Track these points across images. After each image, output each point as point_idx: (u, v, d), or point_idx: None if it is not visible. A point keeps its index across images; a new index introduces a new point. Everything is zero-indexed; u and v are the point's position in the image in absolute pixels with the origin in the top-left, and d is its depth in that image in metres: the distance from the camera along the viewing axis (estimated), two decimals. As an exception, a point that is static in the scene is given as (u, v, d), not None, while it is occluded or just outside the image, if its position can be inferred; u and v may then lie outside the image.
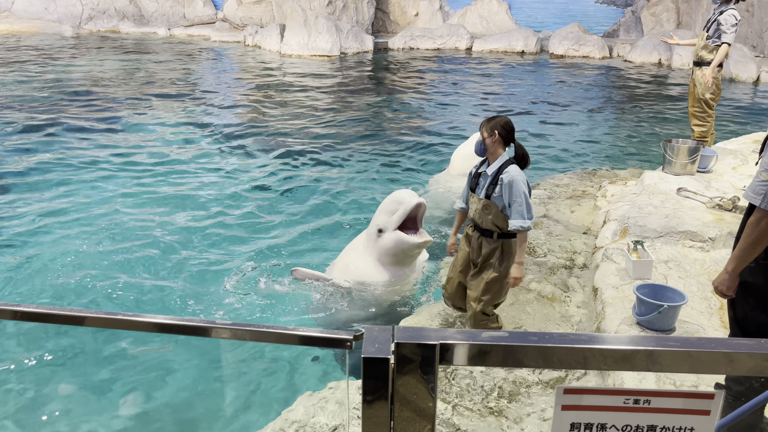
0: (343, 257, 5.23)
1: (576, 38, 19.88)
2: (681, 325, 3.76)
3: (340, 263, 5.19)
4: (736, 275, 2.70)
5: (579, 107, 12.86)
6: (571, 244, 5.67)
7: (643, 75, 16.76)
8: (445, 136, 10.42)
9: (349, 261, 5.08)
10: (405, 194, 4.91)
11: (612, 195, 6.75)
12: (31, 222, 6.58)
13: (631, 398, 1.14)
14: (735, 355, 1.15)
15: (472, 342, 1.16)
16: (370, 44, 19.74)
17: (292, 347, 4.19)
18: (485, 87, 14.74)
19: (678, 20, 20.32)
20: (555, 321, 4.45)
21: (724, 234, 5.06)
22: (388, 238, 4.86)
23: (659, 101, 13.53)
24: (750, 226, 2.56)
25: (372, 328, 1.20)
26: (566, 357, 1.17)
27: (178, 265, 5.72)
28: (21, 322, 3.49)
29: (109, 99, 12.35)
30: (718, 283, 2.77)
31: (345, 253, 5.25)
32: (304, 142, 9.80)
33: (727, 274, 2.71)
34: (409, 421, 1.19)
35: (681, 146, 6.41)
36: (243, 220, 6.83)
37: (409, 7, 23.08)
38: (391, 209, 4.85)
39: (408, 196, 4.86)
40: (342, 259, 5.20)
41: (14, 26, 22.22)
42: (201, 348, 4.38)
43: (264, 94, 13.41)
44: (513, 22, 22.76)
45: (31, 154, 8.77)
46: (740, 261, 2.64)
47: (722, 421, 1.80)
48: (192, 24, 23.71)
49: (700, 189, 6.01)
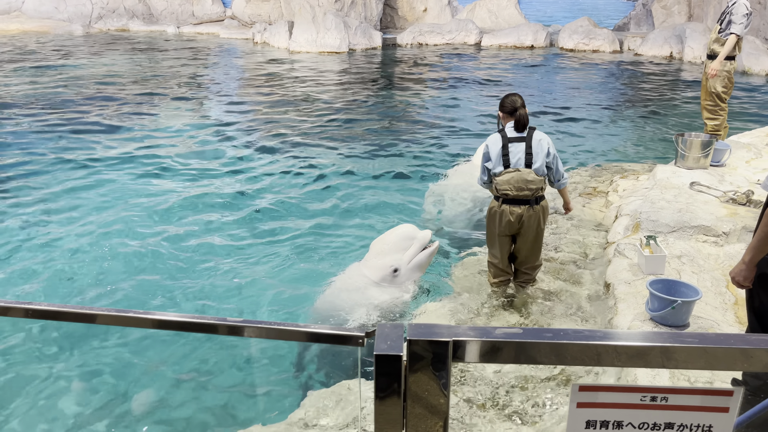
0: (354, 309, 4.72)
1: (586, 32, 19.73)
2: (695, 321, 3.72)
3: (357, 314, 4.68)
4: (753, 266, 2.70)
5: (589, 102, 12.76)
6: (583, 240, 5.63)
7: (654, 68, 16.62)
8: (455, 130, 10.39)
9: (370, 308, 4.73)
10: (412, 230, 4.96)
11: (624, 190, 6.69)
12: (41, 221, 6.62)
13: (648, 395, 1.12)
14: (753, 351, 1.13)
15: (485, 339, 1.14)
16: (378, 40, 19.71)
17: (304, 344, 4.19)
18: (495, 82, 14.67)
19: (689, 13, 20.12)
20: (566, 317, 4.42)
21: (738, 228, 5.01)
22: (408, 271, 4.86)
23: (671, 95, 13.41)
24: (767, 216, 2.55)
25: (384, 325, 1.19)
26: (580, 354, 1.16)
27: (190, 264, 5.74)
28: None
29: (119, 97, 12.41)
30: (735, 274, 2.77)
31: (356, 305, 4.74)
32: (314, 138, 9.80)
33: (744, 265, 2.71)
34: (422, 418, 1.18)
35: (694, 140, 6.34)
36: (254, 216, 6.84)
37: (417, 3, 23.01)
38: (403, 246, 4.85)
39: (418, 231, 4.95)
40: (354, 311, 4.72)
41: (25, 26, 22.38)
42: (221, 346, 4.40)
43: (273, 92, 13.42)
44: (522, 17, 22.64)
45: (41, 153, 8.82)
46: (757, 251, 2.64)
47: (741, 417, 1.78)
48: (201, 22, 23.78)
49: (713, 183, 5.95)
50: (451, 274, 5.24)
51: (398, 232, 4.93)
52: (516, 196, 4.37)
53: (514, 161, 4.36)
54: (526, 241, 4.54)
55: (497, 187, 4.42)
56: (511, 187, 4.36)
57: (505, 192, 4.38)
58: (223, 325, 1.25)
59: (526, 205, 4.40)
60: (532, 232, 4.48)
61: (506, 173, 4.37)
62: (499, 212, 4.45)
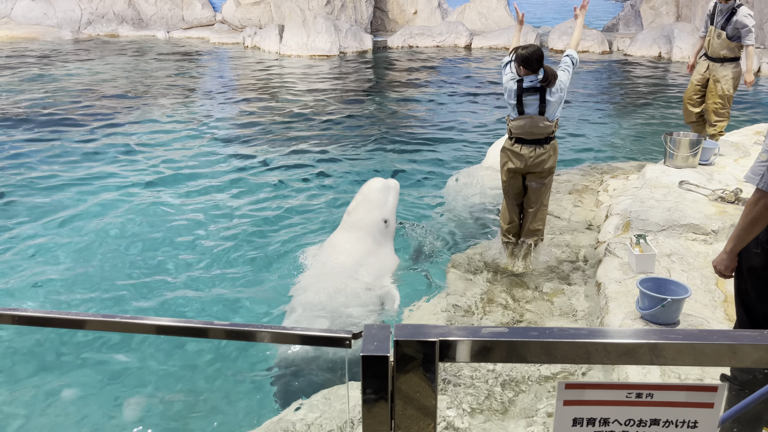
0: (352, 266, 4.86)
1: (575, 33, 19.81)
2: (685, 319, 3.74)
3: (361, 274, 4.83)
4: (735, 255, 2.73)
5: (579, 102, 12.82)
6: (574, 239, 5.65)
7: (643, 69, 16.72)
8: (446, 133, 10.40)
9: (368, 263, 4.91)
10: (382, 181, 5.46)
11: (614, 189, 6.73)
12: (34, 228, 6.58)
13: (633, 392, 1.13)
14: (739, 347, 1.14)
15: (473, 338, 1.15)
16: (369, 43, 19.72)
17: (292, 347, 4.18)
18: (486, 83, 14.71)
19: (677, 13, 20.26)
20: (558, 316, 4.43)
21: (727, 226, 5.04)
22: (394, 219, 5.39)
23: (660, 94, 13.49)
24: (748, 205, 2.58)
25: (371, 326, 1.19)
26: (569, 352, 1.16)
27: (177, 269, 5.71)
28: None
29: (111, 103, 12.35)
30: (716, 263, 2.81)
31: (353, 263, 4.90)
32: (305, 142, 9.79)
33: (726, 254, 2.74)
34: (411, 419, 1.18)
35: (682, 139, 6.38)
36: (244, 220, 6.82)
37: (407, 5, 23.05)
38: (382, 199, 5.29)
39: (388, 181, 5.49)
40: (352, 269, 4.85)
41: (14, 32, 22.25)
42: (206, 351, 4.38)
43: (264, 95, 13.40)
44: (512, 19, 22.71)
45: (33, 160, 8.77)
46: (738, 241, 2.66)
47: (726, 413, 1.79)
48: (191, 26, 23.71)
49: (702, 181, 5.99)
50: (443, 273, 5.25)
51: (375, 187, 5.37)
52: (528, 138, 4.80)
53: (528, 111, 4.75)
54: (538, 179, 4.91)
55: (511, 129, 4.86)
56: (524, 132, 4.79)
57: (518, 134, 4.82)
58: (209, 329, 1.25)
59: (537, 144, 4.79)
60: (544, 171, 4.89)
61: (520, 119, 4.78)
62: (510, 149, 4.89)
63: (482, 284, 4.94)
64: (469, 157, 9.07)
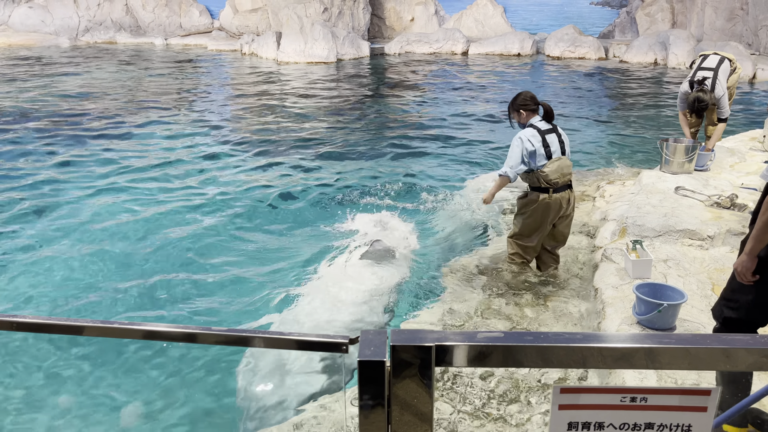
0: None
1: (572, 40, 19.92)
2: (681, 324, 3.75)
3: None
4: (754, 256, 2.67)
5: (576, 108, 12.87)
6: (571, 245, 5.66)
7: (639, 75, 16.79)
8: (443, 140, 10.43)
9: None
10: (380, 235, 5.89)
11: (610, 195, 6.75)
12: (33, 235, 6.58)
13: (627, 396, 1.14)
14: (732, 351, 1.15)
15: (469, 343, 1.16)
16: (366, 50, 19.79)
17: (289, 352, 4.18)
18: (482, 90, 14.77)
19: (673, 20, 20.38)
20: (555, 322, 4.44)
21: (723, 232, 5.06)
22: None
23: (656, 101, 13.55)
24: (766, 204, 2.56)
25: (367, 332, 1.20)
26: (565, 357, 1.17)
27: (177, 272, 5.71)
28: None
29: (109, 110, 12.37)
30: (737, 265, 2.75)
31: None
32: (303, 149, 9.81)
33: (746, 256, 2.69)
34: (407, 424, 1.19)
35: (678, 145, 6.41)
36: (242, 227, 6.83)
37: (404, 12, 23.15)
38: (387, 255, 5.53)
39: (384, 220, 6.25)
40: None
41: (11, 39, 22.28)
42: (200, 357, 4.37)
43: (261, 102, 13.43)
44: (508, 25, 22.83)
45: (32, 166, 8.77)
46: (757, 241, 2.62)
47: (720, 417, 1.80)
48: (188, 33, 23.78)
49: (698, 187, 6.01)
50: (440, 280, 5.25)
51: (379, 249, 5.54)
52: (563, 183, 4.77)
53: (554, 150, 4.72)
54: (567, 224, 4.96)
55: (546, 179, 4.72)
56: (558, 175, 4.72)
57: (555, 181, 4.71)
58: (205, 335, 1.26)
59: (569, 189, 4.82)
60: (572, 212, 4.96)
61: (551, 164, 4.70)
62: (551, 202, 4.76)
63: (479, 290, 4.95)
64: (466, 163, 9.09)
